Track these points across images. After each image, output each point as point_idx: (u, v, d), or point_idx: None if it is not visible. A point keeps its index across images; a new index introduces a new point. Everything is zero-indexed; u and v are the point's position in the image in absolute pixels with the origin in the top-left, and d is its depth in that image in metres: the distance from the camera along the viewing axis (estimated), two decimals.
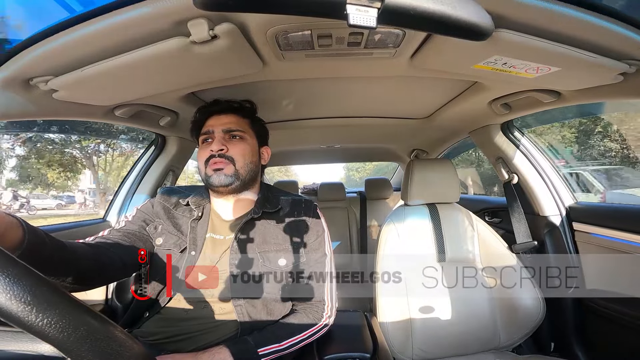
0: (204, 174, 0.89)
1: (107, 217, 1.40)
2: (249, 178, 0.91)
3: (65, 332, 0.28)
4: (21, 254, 0.51)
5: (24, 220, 0.54)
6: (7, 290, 0.27)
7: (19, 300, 0.27)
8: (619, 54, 0.65)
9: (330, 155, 2.70)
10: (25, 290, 0.28)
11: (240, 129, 0.91)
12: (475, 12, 0.46)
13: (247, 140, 0.92)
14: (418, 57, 0.76)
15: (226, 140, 0.89)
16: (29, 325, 0.27)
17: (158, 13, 0.53)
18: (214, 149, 0.87)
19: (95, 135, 6.83)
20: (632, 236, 1.03)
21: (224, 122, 0.90)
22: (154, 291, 0.84)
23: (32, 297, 0.28)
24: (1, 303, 0.26)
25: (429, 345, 1.12)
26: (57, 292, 0.30)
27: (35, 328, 0.27)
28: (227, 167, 0.86)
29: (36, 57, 0.61)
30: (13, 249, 0.50)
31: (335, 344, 0.89)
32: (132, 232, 0.85)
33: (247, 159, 0.90)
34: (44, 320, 0.28)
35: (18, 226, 0.52)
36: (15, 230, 0.51)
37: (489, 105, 1.16)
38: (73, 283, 0.65)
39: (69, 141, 8.97)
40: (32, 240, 0.53)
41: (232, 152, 0.88)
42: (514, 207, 1.40)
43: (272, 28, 0.63)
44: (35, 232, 0.55)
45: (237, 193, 0.92)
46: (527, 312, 1.14)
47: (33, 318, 0.27)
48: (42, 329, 0.28)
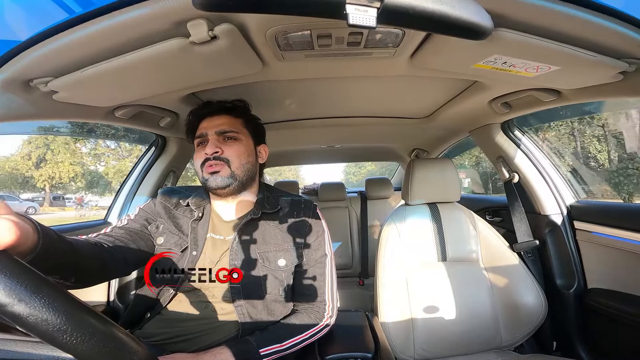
0: (201, 177, 0.89)
1: (108, 219, 1.40)
2: (247, 178, 0.91)
3: (68, 333, 0.29)
4: (33, 258, 0.51)
5: (38, 223, 0.54)
6: (8, 293, 0.27)
7: (57, 329, 0.28)
8: (618, 52, 0.65)
9: (331, 155, 2.70)
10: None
11: (233, 129, 0.91)
12: (475, 11, 0.46)
13: (242, 141, 0.92)
14: (418, 56, 0.76)
15: (220, 142, 0.89)
16: (32, 327, 0.28)
17: (157, 14, 0.53)
18: (208, 152, 0.87)
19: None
20: (634, 235, 1.03)
21: (217, 123, 0.90)
22: (155, 291, 0.84)
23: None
24: (4, 303, 0.27)
25: (431, 344, 1.12)
26: (60, 294, 0.30)
27: (36, 329, 0.28)
28: (222, 170, 0.86)
29: (36, 59, 0.61)
30: (27, 255, 0.50)
31: (337, 344, 0.89)
32: (134, 230, 0.86)
33: (242, 159, 0.90)
34: (47, 323, 0.28)
35: (34, 231, 0.52)
36: (31, 235, 0.51)
37: (489, 104, 1.16)
38: (75, 282, 0.66)
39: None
40: (46, 244, 0.53)
41: (227, 154, 0.88)
42: (515, 206, 1.40)
43: (272, 28, 0.63)
44: (48, 235, 0.55)
45: (236, 194, 0.92)
46: (528, 311, 1.14)
47: (36, 320, 0.27)
48: (45, 331, 0.28)
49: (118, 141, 13.89)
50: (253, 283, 0.84)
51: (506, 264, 1.21)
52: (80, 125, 4.02)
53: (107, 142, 13.48)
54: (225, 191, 0.88)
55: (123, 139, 5.94)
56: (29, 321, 0.29)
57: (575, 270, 1.24)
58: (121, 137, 5.70)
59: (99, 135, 6.94)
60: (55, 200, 14.33)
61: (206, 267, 0.85)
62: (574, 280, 1.23)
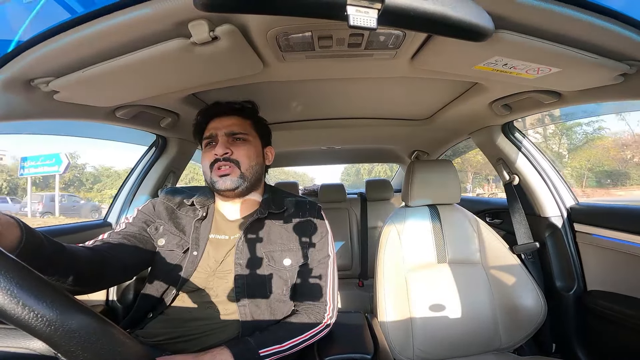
0: (209, 178, 0.88)
1: (108, 218, 1.40)
2: (255, 179, 0.91)
3: (57, 328, 0.28)
4: (19, 253, 0.51)
5: (21, 221, 0.54)
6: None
7: (9, 294, 0.27)
8: (619, 54, 0.65)
9: (331, 157, 2.70)
10: (15, 284, 0.27)
11: (243, 131, 0.91)
12: (476, 13, 0.46)
13: (251, 142, 0.92)
14: (418, 58, 0.76)
15: (230, 143, 0.89)
16: (20, 321, 0.27)
17: (159, 14, 0.53)
18: (219, 153, 0.86)
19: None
20: (634, 237, 1.03)
21: (227, 124, 0.90)
22: (157, 292, 0.84)
23: (20, 291, 0.27)
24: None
25: (430, 346, 1.11)
26: (52, 290, 0.30)
27: (25, 323, 0.27)
28: (233, 171, 0.86)
29: (37, 59, 0.61)
30: (11, 249, 0.51)
31: (336, 344, 0.89)
32: (132, 234, 0.85)
33: (252, 160, 0.90)
34: (35, 315, 0.27)
35: (16, 226, 0.52)
36: (13, 229, 0.51)
37: (490, 106, 1.16)
38: (73, 285, 0.65)
39: None
40: (30, 240, 0.54)
41: (237, 155, 0.87)
42: (514, 208, 1.40)
43: (273, 29, 0.63)
44: (33, 233, 0.55)
45: (244, 195, 0.92)
46: (528, 313, 1.14)
47: (25, 313, 0.27)
48: (31, 323, 0.27)
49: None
50: (258, 282, 0.84)
51: (506, 266, 1.21)
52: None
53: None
54: (234, 193, 0.88)
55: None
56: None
57: (575, 272, 1.24)
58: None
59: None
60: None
61: (210, 266, 0.85)
62: (574, 283, 1.23)
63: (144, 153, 1.49)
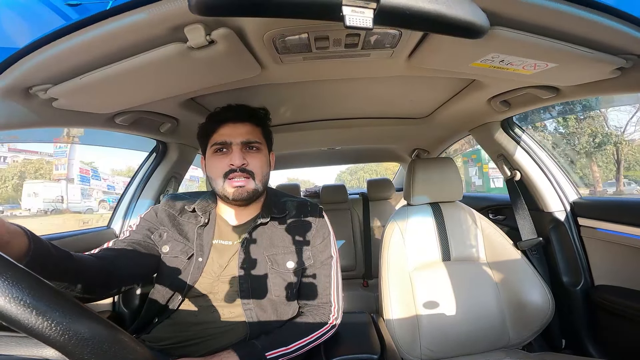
0: (221, 187, 0.85)
1: (112, 225, 1.40)
2: (264, 187, 0.91)
3: (72, 336, 0.28)
4: (28, 262, 0.51)
5: (28, 230, 0.54)
6: (6, 294, 0.27)
7: (22, 304, 0.27)
8: (615, 48, 0.65)
9: (331, 158, 2.70)
10: (26, 293, 0.27)
11: (257, 140, 0.88)
12: (470, 10, 0.47)
13: (262, 151, 0.90)
14: (415, 56, 0.76)
15: (244, 152, 0.86)
16: (31, 329, 0.27)
17: (154, 19, 0.53)
18: (236, 164, 0.83)
19: None
20: (638, 230, 1.02)
21: (242, 132, 0.86)
22: (163, 298, 0.84)
23: (33, 300, 0.27)
24: (3, 307, 0.26)
25: (437, 344, 1.11)
26: (64, 298, 0.30)
27: (37, 331, 0.27)
28: (248, 183, 0.85)
29: (34, 65, 0.61)
30: (19, 258, 0.51)
31: (343, 345, 0.89)
32: (136, 242, 0.85)
33: (264, 170, 0.89)
34: (46, 323, 0.27)
35: (23, 235, 0.52)
36: (21, 238, 0.52)
37: (488, 102, 1.16)
38: (82, 293, 0.66)
39: None
40: (38, 249, 0.54)
41: (252, 166, 0.86)
42: (517, 203, 1.39)
43: (269, 32, 0.63)
44: (40, 242, 0.55)
45: (251, 203, 0.91)
46: (535, 309, 1.13)
47: (35, 321, 0.27)
48: (45, 332, 0.27)
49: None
50: (262, 286, 0.84)
51: (511, 261, 1.20)
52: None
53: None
54: (246, 202, 0.88)
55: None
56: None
57: (581, 267, 1.23)
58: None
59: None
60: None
61: (215, 272, 0.85)
62: (580, 278, 1.22)
63: (145, 159, 1.50)
